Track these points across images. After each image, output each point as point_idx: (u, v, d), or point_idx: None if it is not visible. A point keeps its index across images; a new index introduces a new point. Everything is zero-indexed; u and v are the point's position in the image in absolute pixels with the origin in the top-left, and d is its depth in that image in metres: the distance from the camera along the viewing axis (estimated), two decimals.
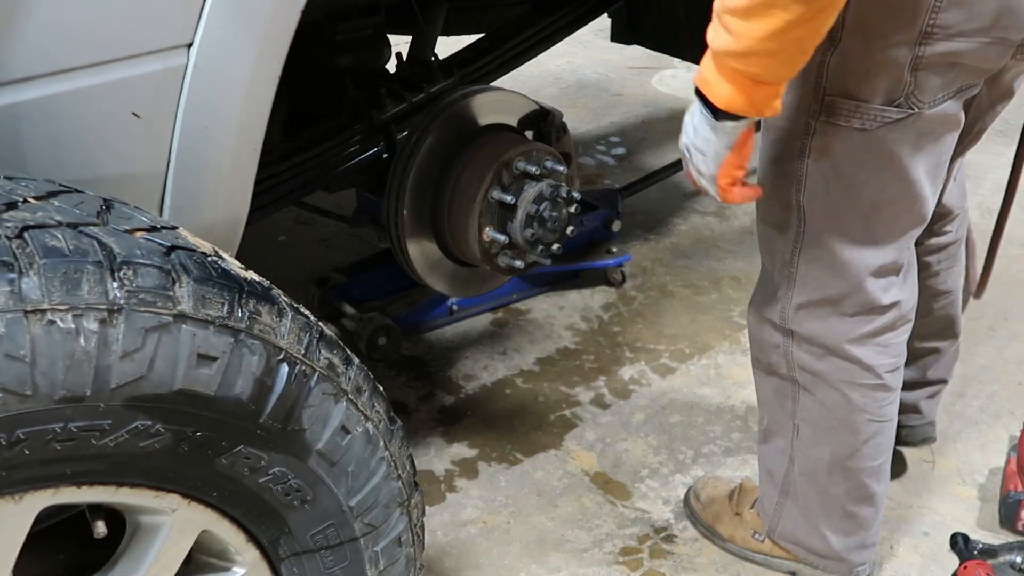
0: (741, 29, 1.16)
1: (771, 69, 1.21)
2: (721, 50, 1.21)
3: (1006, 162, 2.34)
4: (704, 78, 1.27)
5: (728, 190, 1.39)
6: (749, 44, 1.17)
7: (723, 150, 1.33)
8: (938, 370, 1.90)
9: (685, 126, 1.38)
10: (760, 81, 1.22)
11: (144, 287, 0.85)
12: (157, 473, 0.92)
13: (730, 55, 1.20)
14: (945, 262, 1.80)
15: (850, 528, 1.68)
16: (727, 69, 1.22)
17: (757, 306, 1.62)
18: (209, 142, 1.20)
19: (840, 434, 1.60)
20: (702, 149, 1.35)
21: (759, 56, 1.18)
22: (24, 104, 1.05)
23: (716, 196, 1.41)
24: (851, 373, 1.56)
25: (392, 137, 1.93)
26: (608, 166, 3.43)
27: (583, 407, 2.23)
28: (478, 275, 2.05)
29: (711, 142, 1.33)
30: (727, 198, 1.40)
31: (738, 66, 1.21)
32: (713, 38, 1.22)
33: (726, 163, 1.35)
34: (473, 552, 1.84)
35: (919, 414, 1.92)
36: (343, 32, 1.97)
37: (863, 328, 1.53)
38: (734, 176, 1.37)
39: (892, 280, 1.52)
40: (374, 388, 1.07)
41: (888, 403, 1.60)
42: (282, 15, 1.21)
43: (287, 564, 1.06)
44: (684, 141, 1.39)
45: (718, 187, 1.39)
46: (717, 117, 1.28)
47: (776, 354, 1.62)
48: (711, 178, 1.38)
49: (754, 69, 1.20)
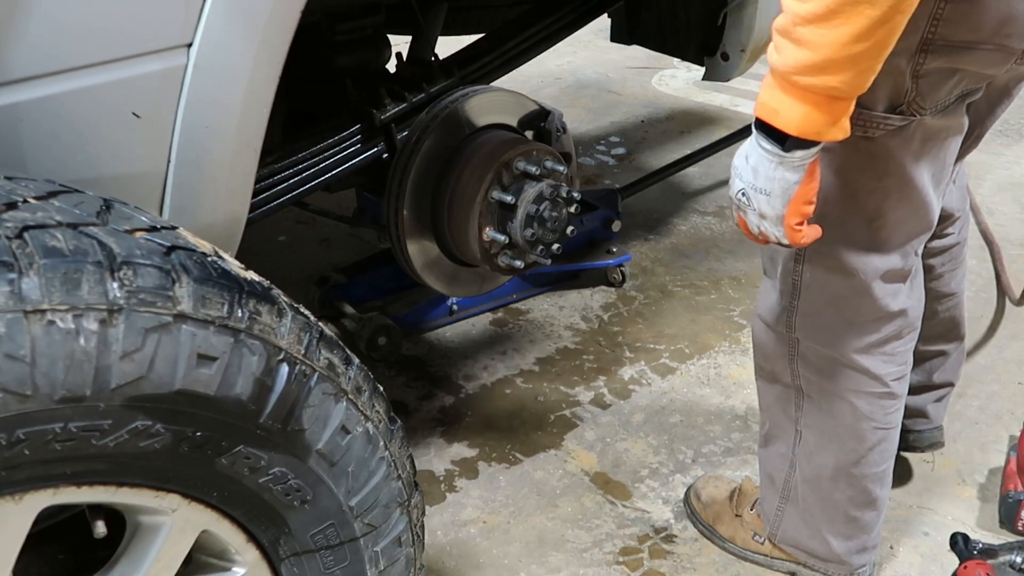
0: (819, 37, 1.09)
1: (852, 79, 1.13)
2: (793, 67, 1.13)
3: (1006, 162, 2.35)
4: (769, 107, 1.18)
5: (798, 230, 1.28)
6: (830, 53, 1.10)
7: (792, 185, 1.24)
8: (944, 373, 1.90)
9: (738, 170, 1.28)
10: (837, 96, 1.15)
11: (144, 287, 0.85)
12: (157, 473, 0.92)
13: (806, 70, 1.12)
14: (948, 264, 1.79)
15: (852, 532, 1.68)
16: (799, 89, 1.14)
17: (761, 315, 1.62)
18: (209, 142, 1.20)
19: (845, 441, 1.60)
20: (765, 189, 1.25)
21: (840, 65, 1.11)
22: (24, 104, 1.05)
23: (783, 240, 1.30)
24: (857, 382, 1.56)
25: (392, 137, 1.93)
26: (608, 166, 3.43)
27: (583, 407, 2.23)
28: (478, 275, 2.05)
29: (777, 179, 1.24)
30: (796, 239, 1.29)
31: (814, 81, 1.13)
32: (780, 59, 1.14)
33: (795, 199, 1.25)
34: (473, 552, 1.84)
35: (926, 418, 1.92)
36: (343, 32, 1.97)
37: (870, 337, 1.52)
38: (804, 213, 1.27)
39: (899, 287, 1.51)
40: (374, 388, 1.07)
41: (894, 410, 1.60)
42: (282, 15, 1.21)
43: (287, 564, 1.06)
44: (738, 187, 1.29)
45: (786, 228, 1.28)
46: (787, 148, 1.20)
47: (780, 362, 1.61)
48: (777, 219, 1.27)
49: (832, 82, 1.12)
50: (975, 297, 2.61)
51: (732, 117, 3.79)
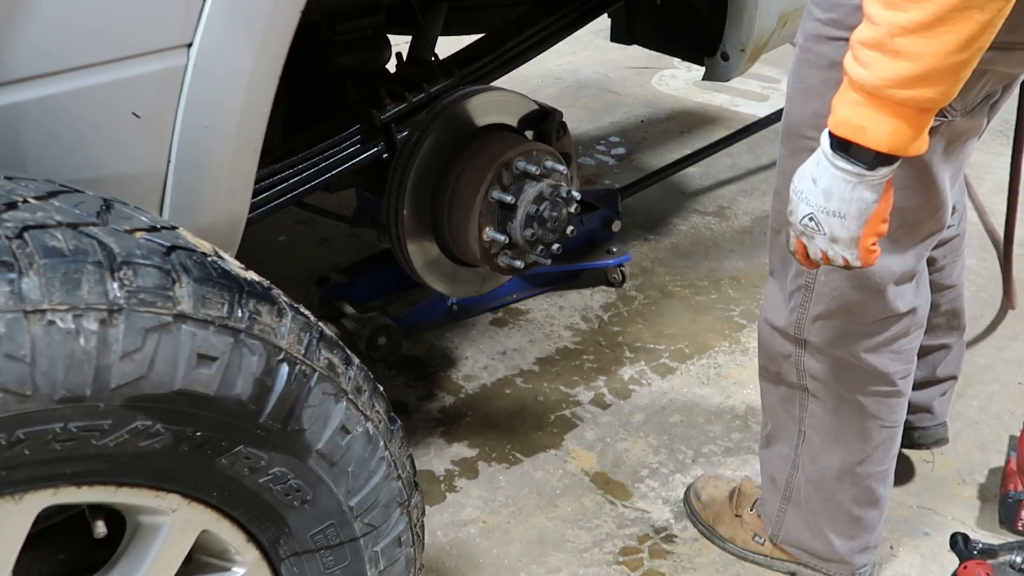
0: (923, 47, 1.04)
1: (948, 88, 1.08)
2: (889, 80, 1.07)
3: (1006, 162, 2.35)
4: (853, 126, 1.13)
5: (874, 251, 1.23)
6: (933, 63, 1.05)
7: (871, 205, 1.18)
8: (948, 366, 1.91)
9: (803, 195, 1.22)
10: (927, 108, 1.10)
11: (144, 287, 0.85)
12: (157, 473, 0.92)
13: (904, 83, 1.07)
14: (949, 256, 1.81)
15: (855, 531, 1.68)
16: (891, 103, 1.09)
17: (768, 318, 1.61)
18: (209, 142, 1.20)
19: (851, 441, 1.60)
20: (840, 211, 1.19)
21: (942, 75, 1.06)
22: (25, 104, 1.05)
23: (855, 262, 1.24)
24: (865, 381, 1.56)
25: (392, 137, 1.93)
26: (608, 166, 3.43)
27: (583, 407, 2.23)
28: (478, 275, 2.05)
29: (854, 200, 1.18)
30: (871, 260, 1.24)
31: (911, 95, 1.08)
32: (871, 73, 1.08)
33: (872, 219, 1.20)
34: (473, 552, 1.84)
35: (931, 414, 1.92)
36: (343, 32, 1.97)
37: (879, 336, 1.53)
38: (880, 232, 1.22)
39: (908, 287, 1.52)
40: (374, 388, 1.07)
41: (899, 409, 1.61)
42: (282, 15, 1.21)
43: (287, 564, 1.06)
44: (805, 212, 1.23)
45: (861, 250, 1.22)
46: (872, 167, 1.14)
47: (786, 364, 1.61)
48: (851, 242, 1.22)
49: (930, 93, 1.08)
50: (975, 297, 2.61)
51: (732, 117, 3.79)
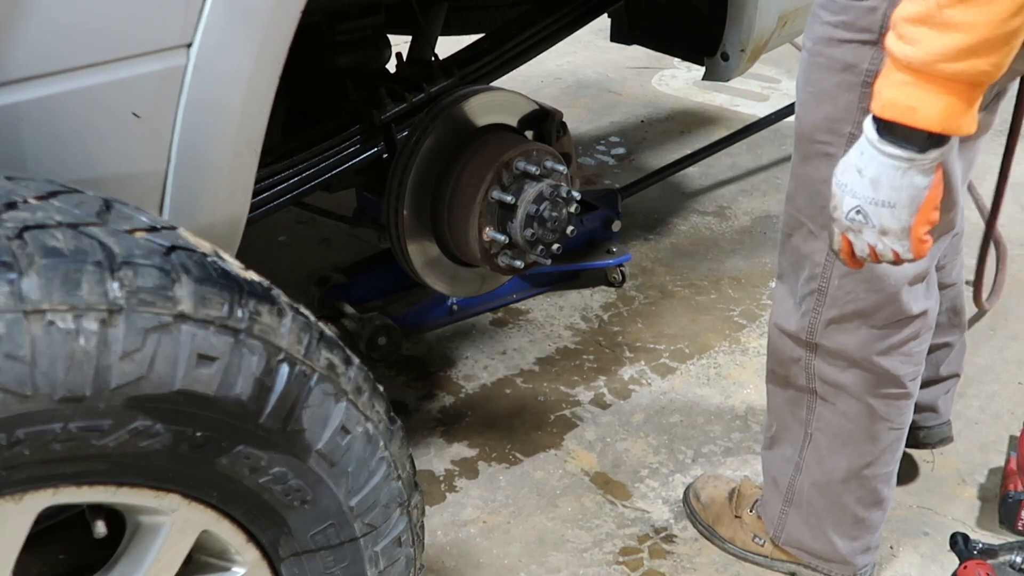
0: (975, 16, 1.01)
1: (1001, 59, 1.04)
2: (940, 54, 1.04)
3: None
4: (902, 106, 1.09)
5: (926, 240, 1.18)
6: (987, 32, 1.01)
7: (922, 191, 1.13)
8: (951, 365, 1.91)
9: (848, 188, 1.18)
10: (979, 83, 1.06)
11: (144, 287, 0.85)
12: (157, 473, 0.92)
13: (956, 55, 1.03)
14: (950, 255, 1.81)
15: (858, 532, 1.68)
16: (941, 79, 1.05)
17: (778, 323, 1.61)
18: (209, 142, 1.20)
19: (860, 443, 1.60)
20: (890, 201, 1.14)
21: (995, 44, 1.03)
22: (25, 104, 1.05)
23: (907, 254, 1.19)
24: (876, 384, 1.56)
25: (392, 137, 1.93)
26: (608, 166, 3.43)
27: (583, 407, 2.23)
28: (478, 275, 2.05)
29: (905, 187, 1.13)
30: (923, 251, 1.18)
31: (962, 67, 1.04)
32: (919, 49, 1.05)
33: (924, 206, 1.15)
34: (473, 552, 1.84)
35: (936, 413, 1.92)
36: (343, 32, 1.97)
37: (891, 339, 1.53)
38: (933, 220, 1.17)
39: (919, 288, 1.52)
40: (374, 388, 1.07)
41: (908, 410, 1.61)
42: (282, 15, 1.21)
43: (287, 564, 1.06)
44: (851, 205, 1.18)
45: (913, 241, 1.17)
46: (923, 149, 1.10)
47: (796, 367, 1.61)
48: (903, 232, 1.17)
49: (983, 65, 1.04)
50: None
51: (732, 117, 3.79)
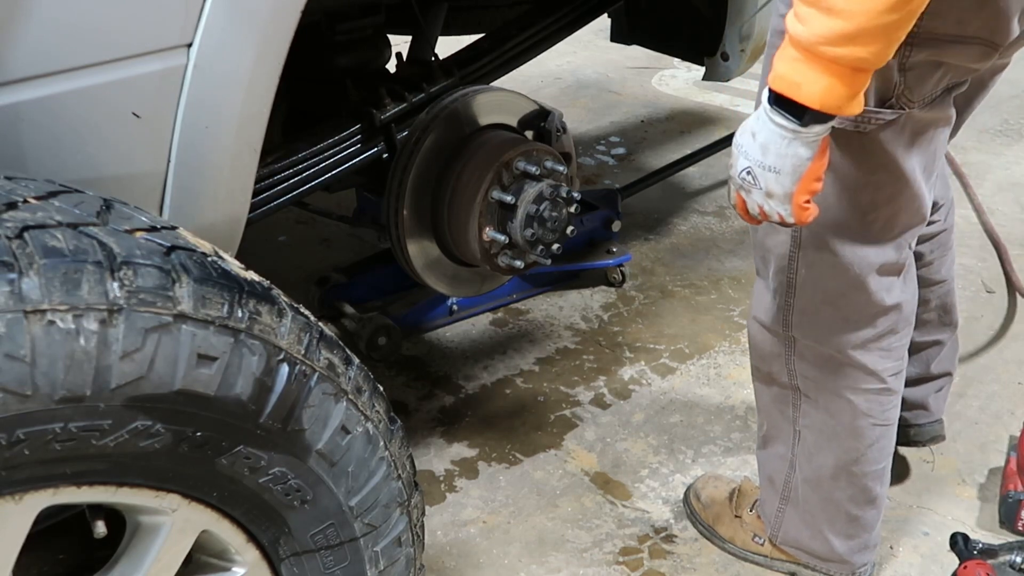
0: (855, 5, 1.07)
1: (880, 49, 1.10)
2: (822, 37, 1.10)
3: (1006, 162, 2.36)
4: (789, 80, 1.15)
5: (806, 208, 1.26)
6: (864, 22, 1.07)
7: (804, 162, 1.21)
8: (942, 363, 1.91)
9: (743, 149, 1.26)
10: (861, 68, 1.12)
11: (144, 287, 0.85)
12: (157, 473, 0.92)
13: (836, 40, 1.09)
14: (937, 251, 1.82)
15: (853, 531, 1.68)
16: (824, 60, 1.11)
17: (757, 316, 1.62)
18: (209, 142, 1.20)
19: (844, 440, 1.60)
20: (775, 167, 1.22)
21: (873, 34, 1.08)
22: (25, 104, 1.05)
23: (789, 218, 1.27)
24: (855, 379, 1.56)
25: (392, 137, 1.93)
26: (608, 166, 3.43)
27: (583, 407, 2.23)
28: (478, 275, 2.05)
29: (789, 156, 1.21)
30: (804, 217, 1.27)
31: (842, 52, 1.10)
32: (807, 29, 1.11)
33: (806, 176, 1.23)
34: (473, 552, 1.84)
35: (927, 411, 1.92)
36: (343, 32, 1.96)
37: (866, 333, 1.53)
38: (813, 190, 1.25)
39: (893, 281, 1.52)
40: (374, 388, 1.07)
41: (892, 407, 1.61)
42: (282, 15, 1.21)
43: (287, 564, 1.06)
44: (743, 166, 1.26)
45: (794, 207, 1.25)
46: (805, 123, 1.18)
47: (777, 363, 1.62)
48: (785, 197, 1.25)
49: (862, 52, 1.10)
50: (975, 297, 2.61)
51: (732, 117, 3.79)
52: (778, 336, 1.59)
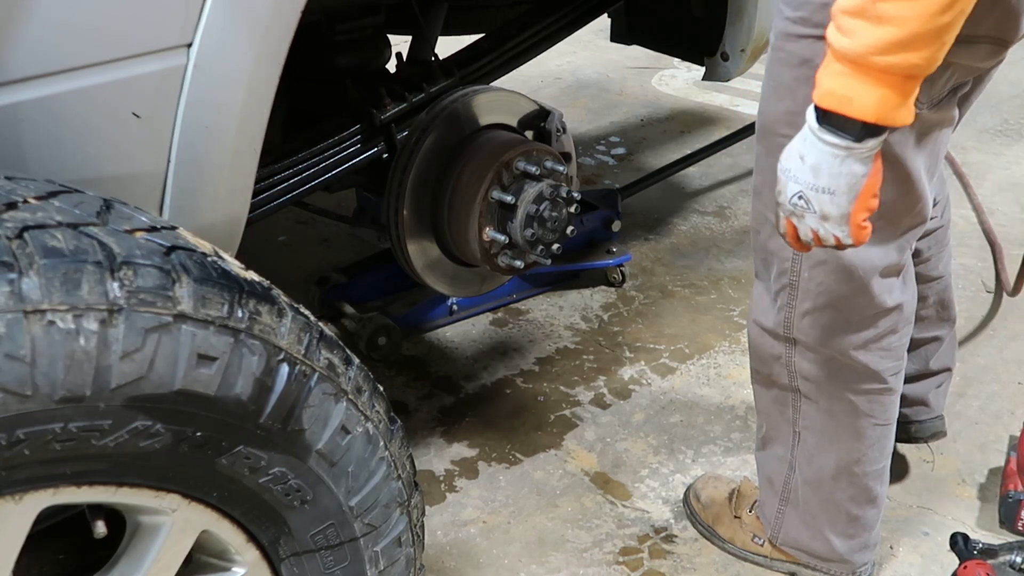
0: (906, 10, 1.04)
1: (932, 53, 1.07)
2: (873, 47, 1.07)
3: (1006, 162, 2.36)
4: (839, 96, 1.12)
5: (865, 227, 1.20)
6: (917, 26, 1.04)
7: (860, 179, 1.17)
8: (941, 359, 1.91)
9: (791, 173, 1.20)
10: (913, 76, 1.10)
11: (144, 287, 0.85)
12: (157, 473, 0.92)
13: (888, 48, 1.06)
14: (934, 247, 1.82)
15: (854, 531, 1.68)
16: (875, 71, 1.08)
17: (757, 319, 1.61)
18: (209, 142, 1.20)
19: (845, 440, 1.60)
20: (829, 188, 1.17)
21: (926, 39, 1.06)
22: (25, 104, 1.05)
23: (846, 240, 1.22)
24: (856, 379, 1.56)
25: (392, 137, 1.93)
26: (608, 166, 3.43)
27: (583, 407, 2.23)
28: (478, 275, 2.05)
29: (844, 175, 1.16)
30: (863, 237, 1.21)
31: (895, 60, 1.07)
32: (854, 41, 1.08)
33: (863, 193, 1.18)
34: (473, 552, 1.84)
35: (927, 407, 1.92)
36: (343, 32, 1.97)
37: (867, 333, 1.53)
38: (871, 207, 1.20)
39: (894, 282, 1.52)
40: (374, 388, 1.07)
41: (892, 406, 1.61)
42: (282, 15, 1.21)
43: (287, 564, 1.06)
44: (794, 191, 1.21)
45: (852, 227, 1.20)
46: (859, 138, 1.13)
47: (777, 365, 1.61)
48: (842, 219, 1.19)
49: (915, 59, 1.07)
50: (975, 297, 2.61)
51: (732, 117, 3.79)
52: (779, 339, 1.59)
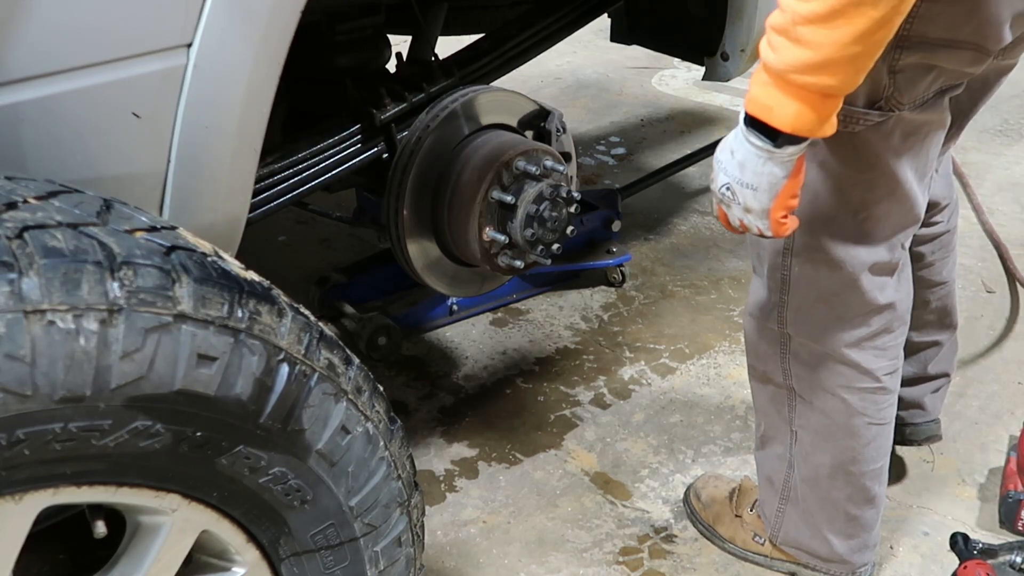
0: (821, 37, 1.10)
1: (848, 77, 1.14)
2: (791, 66, 1.13)
3: (1006, 162, 2.36)
4: (761, 104, 1.19)
5: (783, 223, 1.30)
6: (831, 52, 1.10)
7: (780, 180, 1.25)
8: (939, 363, 1.91)
9: (722, 165, 1.30)
10: (830, 95, 1.16)
11: (144, 287, 0.85)
12: (157, 473, 0.92)
13: (804, 69, 1.13)
14: (938, 252, 1.82)
15: (853, 531, 1.68)
16: (794, 87, 1.15)
17: (752, 312, 1.63)
18: (209, 142, 1.20)
19: (841, 439, 1.60)
20: (752, 184, 1.27)
21: (839, 65, 1.12)
22: (25, 104, 1.05)
23: (767, 232, 1.32)
24: (849, 377, 1.56)
25: (392, 137, 1.92)
26: (608, 166, 3.43)
27: (583, 407, 2.23)
28: (478, 275, 2.05)
29: (765, 174, 1.25)
30: (781, 231, 1.31)
31: (811, 80, 1.14)
32: (777, 57, 1.15)
33: (782, 194, 1.27)
34: (473, 552, 1.84)
35: (923, 410, 1.92)
36: (343, 32, 1.96)
37: (860, 331, 1.53)
38: (789, 207, 1.29)
39: (886, 280, 1.52)
40: (374, 388, 1.07)
41: (887, 405, 1.61)
42: (282, 15, 1.21)
43: (287, 564, 1.06)
44: (723, 182, 1.30)
45: (771, 222, 1.30)
46: (778, 144, 1.21)
47: (772, 362, 1.62)
48: (763, 213, 1.29)
49: (830, 81, 1.14)
50: (975, 297, 2.61)
51: (732, 117, 3.79)
52: (772, 333, 1.59)
